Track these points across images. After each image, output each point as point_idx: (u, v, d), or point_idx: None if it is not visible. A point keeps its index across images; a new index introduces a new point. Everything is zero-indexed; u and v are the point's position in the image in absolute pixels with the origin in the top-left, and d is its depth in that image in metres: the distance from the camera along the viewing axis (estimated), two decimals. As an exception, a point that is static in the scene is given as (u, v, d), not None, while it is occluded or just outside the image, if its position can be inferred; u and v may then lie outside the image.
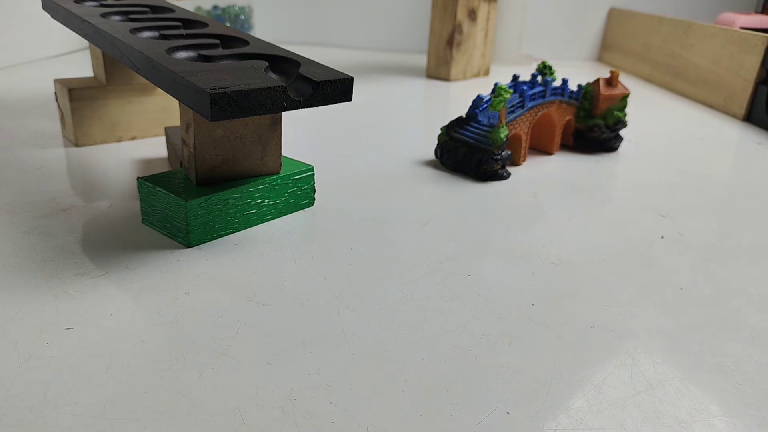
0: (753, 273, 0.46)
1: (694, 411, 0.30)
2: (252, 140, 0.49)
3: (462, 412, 0.30)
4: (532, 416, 0.29)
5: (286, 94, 0.42)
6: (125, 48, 0.50)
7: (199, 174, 0.47)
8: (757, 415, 0.30)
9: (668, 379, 0.33)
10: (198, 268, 0.42)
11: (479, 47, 1.25)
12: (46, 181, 0.58)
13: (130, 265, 0.42)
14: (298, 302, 0.39)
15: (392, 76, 1.24)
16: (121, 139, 0.70)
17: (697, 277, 0.44)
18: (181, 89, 0.42)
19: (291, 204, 0.52)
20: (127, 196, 0.54)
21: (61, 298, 0.38)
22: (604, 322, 0.38)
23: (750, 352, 0.36)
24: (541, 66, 0.74)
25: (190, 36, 0.55)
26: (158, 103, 0.71)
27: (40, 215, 0.50)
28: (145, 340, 0.34)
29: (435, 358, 0.34)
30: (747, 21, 1.23)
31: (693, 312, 0.40)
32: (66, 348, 0.33)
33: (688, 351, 0.35)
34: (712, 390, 0.32)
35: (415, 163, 0.68)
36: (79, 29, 0.61)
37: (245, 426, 0.28)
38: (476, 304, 0.39)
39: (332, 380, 0.31)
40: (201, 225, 0.45)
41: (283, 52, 0.52)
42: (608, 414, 0.30)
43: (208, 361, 0.32)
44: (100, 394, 0.30)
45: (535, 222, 0.53)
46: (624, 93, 0.77)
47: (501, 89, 0.61)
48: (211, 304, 0.38)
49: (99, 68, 0.68)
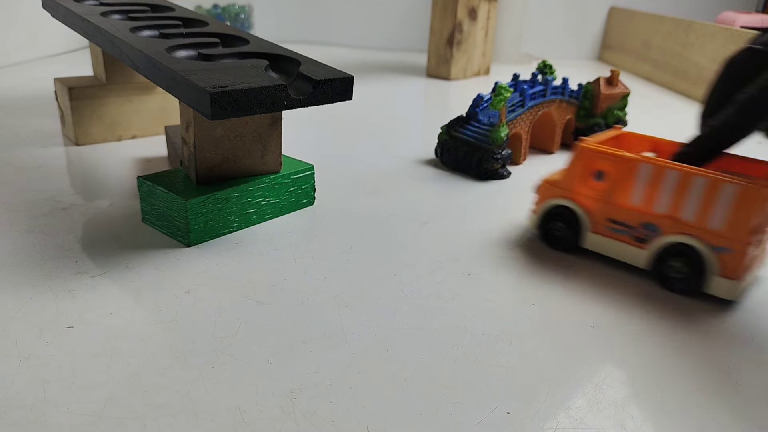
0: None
1: (693, 410, 0.30)
2: (252, 139, 0.49)
3: (462, 411, 0.30)
4: (532, 416, 0.29)
5: (286, 93, 0.42)
6: (125, 47, 0.50)
7: (199, 173, 0.47)
8: (757, 414, 0.30)
9: (669, 379, 0.33)
10: (198, 267, 0.42)
11: (479, 46, 1.25)
12: (46, 179, 0.57)
13: (130, 263, 0.42)
14: (298, 301, 0.39)
15: (392, 75, 1.24)
16: (121, 138, 0.70)
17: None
18: (182, 88, 0.42)
19: (291, 203, 0.52)
20: (127, 194, 0.54)
21: (61, 297, 0.38)
22: (604, 322, 0.38)
23: (750, 352, 0.36)
24: (541, 65, 0.74)
25: (190, 35, 0.55)
26: (158, 101, 0.71)
27: (40, 214, 0.50)
28: (145, 339, 0.34)
29: (435, 358, 0.34)
30: (748, 20, 1.23)
31: (693, 311, 0.40)
32: (66, 347, 0.33)
33: (688, 351, 0.35)
34: (713, 389, 0.32)
35: (416, 162, 0.68)
36: (79, 28, 0.61)
37: (245, 425, 0.28)
38: (476, 304, 0.39)
39: (332, 379, 0.31)
40: (201, 224, 0.45)
41: (283, 51, 0.52)
42: (608, 413, 0.30)
43: (208, 360, 0.32)
44: (100, 393, 0.30)
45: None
46: (624, 92, 0.77)
47: (501, 88, 0.61)
48: (211, 303, 0.38)
49: (99, 67, 0.68)
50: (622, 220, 0.43)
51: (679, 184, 0.40)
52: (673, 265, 0.41)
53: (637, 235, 0.42)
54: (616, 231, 0.43)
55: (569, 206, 0.45)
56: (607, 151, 0.43)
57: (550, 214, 0.46)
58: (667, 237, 0.41)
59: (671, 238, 0.41)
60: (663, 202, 0.41)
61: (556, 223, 0.46)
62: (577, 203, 0.45)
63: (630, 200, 0.42)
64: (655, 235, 0.41)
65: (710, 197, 0.39)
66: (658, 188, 0.41)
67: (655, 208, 0.41)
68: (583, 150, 0.44)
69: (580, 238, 0.45)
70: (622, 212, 0.43)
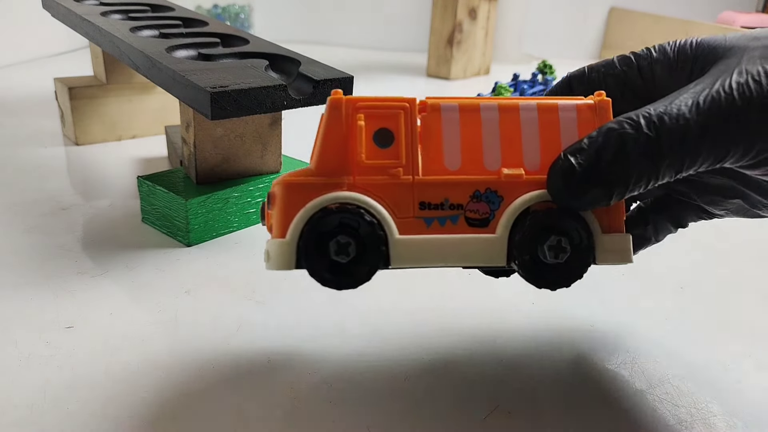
0: (753, 271, 0.45)
1: (694, 410, 0.30)
2: (252, 139, 0.49)
3: (462, 411, 0.30)
4: (532, 416, 0.29)
5: (286, 93, 0.42)
6: (125, 46, 0.50)
7: (199, 173, 0.47)
8: (757, 413, 0.30)
9: (669, 378, 0.33)
10: (198, 266, 0.42)
11: (479, 46, 1.25)
12: (46, 179, 0.57)
13: (130, 263, 0.42)
14: (298, 301, 0.39)
15: (392, 74, 1.24)
16: (121, 138, 0.70)
17: (697, 276, 0.44)
18: (181, 88, 0.42)
19: (291, 203, 0.52)
20: (127, 194, 0.54)
21: (61, 297, 0.38)
22: (604, 321, 0.38)
23: (750, 351, 0.36)
24: (541, 65, 0.74)
25: (190, 35, 0.55)
26: (158, 101, 0.71)
27: (39, 214, 0.50)
28: (145, 338, 0.34)
29: (435, 357, 0.34)
30: (748, 20, 1.23)
31: (693, 311, 0.40)
32: (66, 347, 0.33)
33: (688, 350, 0.35)
34: (713, 389, 0.32)
35: (416, 162, 0.68)
36: (79, 28, 0.61)
37: (245, 425, 0.28)
38: (477, 304, 0.39)
39: (332, 379, 0.31)
40: (201, 224, 0.45)
41: (284, 51, 0.52)
42: (608, 413, 0.30)
43: (208, 360, 0.32)
44: (100, 393, 0.30)
45: (536, 221, 0.53)
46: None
47: (501, 88, 0.61)
48: (211, 303, 0.38)
49: (99, 67, 0.68)
50: (444, 199, 0.26)
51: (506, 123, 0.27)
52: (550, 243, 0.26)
53: (471, 215, 0.26)
54: (437, 221, 0.26)
55: (355, 201, 0.25)
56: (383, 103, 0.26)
57: (318, 228, 0.25)
58: (516, 202, 0.26)
59: (527, 200, 0.26)
60: (492, 152, 0.27)
61: (339, 241, 0.25)
62: (363, 193, 0.26)
63: (444, 162, 0.27)
64: (496, 206, 0.26)
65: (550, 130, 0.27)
66: (479, 131, 0.27)
67: (487, 164, 0.27)
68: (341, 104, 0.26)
69: (387, 252, 0.26)
70: (440, 187, 0.26)
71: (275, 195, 0.26)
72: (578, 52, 1.58)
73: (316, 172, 0.25)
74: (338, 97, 0.25)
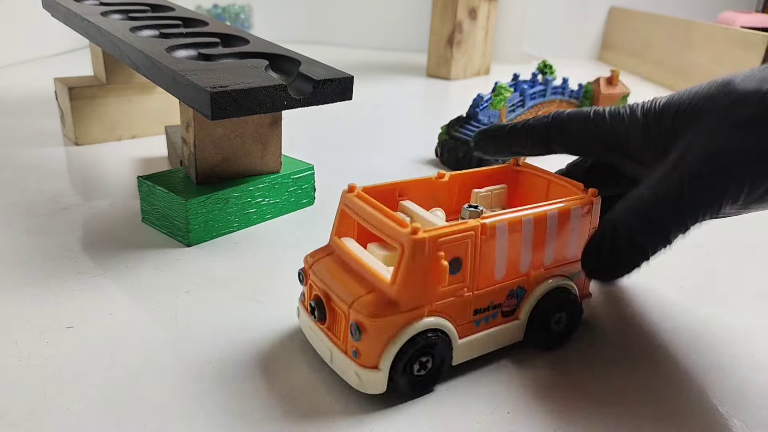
0: (753, 270, 0.45)
1: (693, 409, 0.30)
2: (252, 139, 0.49)
3: (463, 411, 0.30)
4: (532, 416, 0.29)
5: (286, 93, 0.42)
6: (125, 46, 0.50)
7: (199, 173, 0.47)
8: (757, 413, 0.30)
9: (669, 377, 0.33)
10: (198, 266, 0.42)
11: (479, 46, 1.25)
12: (46, 179, 0.57)
13: (130, 263, 0.42)
14: (298, 300, 0.38)
15: (392, 75, 1.24)
16: (121, 138, 0.70)
17: (698, 275, 0.44)
18: (181, 88, 0.42)
19: (291, 203, 0.52)
20: (127, 194, 0.54)
21: (61, 297, 0.38)
22: (604, 321, 0.38)
23: (750, 350, 0.36)
24: (541, 65, 0.74)
25: (190, 35, 0.55)
26: (158, 101, 0.71)
27: (39, 214, 0.50)
28: (145, 339, 0.34)
29: (435, 358, 0.33)
30: (748, 20, 1.23)
31: (694, 310, 0.40)
32: (66, 347, 0.33)
33: (688, 349, 0.35)
34: (713, 388, 0.32)
35: (416, 162, 0.68)
36: (79, 28, 0.61)
37: (245, 425, 0.28)
38: (476, 304, 0.39)
39: (333, 379, 0.31)
40: (201, 224, 0.45)
41: (284, 51, 0.52)
42: (609, 413, 0.30)
43: (208, 360, 0.32)
44: (100, 393, 0.30)
45: (536, 221, 0.53)
46: (624, 92, 0.77)
47: (501, 88, 0.61)
48: (211, 303, 0.38)
49: (99, 67, 0.68)
50: (490, 302, 0.31)
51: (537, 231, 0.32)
52: (556, 316, 0.34)
53: (505, 309, 0.32)
54: (483, 321, 0.32)
55: (436, 326, 0.29)
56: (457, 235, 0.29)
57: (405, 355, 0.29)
58: (535, 292, 0.33)
59: (543, 290, 0.33)
60: (526, 258, 0.32)
61: (421, 361, 0.29)
62: (440, 317, 0.30)
63: (494, 275, 0.31)
64: (522, 299, 0.33)
65: (564, 228, 0.33)
66: (519, 243, 0.31)
67: (521, 268, 0.32)
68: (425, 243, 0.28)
69: (451, 356, 0.31)
70: (489, 294, 0.31)
71: (364, 327, 0.28)
72: (578, 52, 1.58)
73: (397, 300, 0.28)
74: (422, 237, 0.27)
